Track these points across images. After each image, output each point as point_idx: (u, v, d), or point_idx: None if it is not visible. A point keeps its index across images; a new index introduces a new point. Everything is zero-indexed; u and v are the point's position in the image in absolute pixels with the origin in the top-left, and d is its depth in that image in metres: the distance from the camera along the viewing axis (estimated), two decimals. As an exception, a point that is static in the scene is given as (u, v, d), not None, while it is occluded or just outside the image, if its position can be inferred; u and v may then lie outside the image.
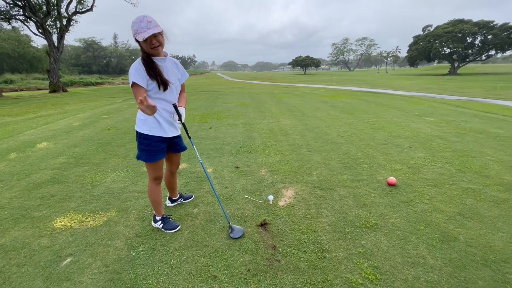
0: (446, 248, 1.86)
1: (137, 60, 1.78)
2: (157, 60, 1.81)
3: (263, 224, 2.17)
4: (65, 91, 23.43)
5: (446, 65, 57.31)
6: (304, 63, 75.30)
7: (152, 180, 2.05)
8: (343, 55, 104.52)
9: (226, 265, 1.72)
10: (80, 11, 24.33)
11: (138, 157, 1.95)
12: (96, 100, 13.84)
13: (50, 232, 2.11)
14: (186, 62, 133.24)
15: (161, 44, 1.78)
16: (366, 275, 1.61)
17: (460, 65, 46.86)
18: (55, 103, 13.84)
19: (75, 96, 18.55)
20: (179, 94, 2.07)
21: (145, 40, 1.67)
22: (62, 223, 2.22)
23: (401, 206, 2.45)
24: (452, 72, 45.46)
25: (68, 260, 1.78)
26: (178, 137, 2.09)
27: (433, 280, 1.57)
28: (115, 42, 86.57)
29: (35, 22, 21.65)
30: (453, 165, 3.41)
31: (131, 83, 1.73)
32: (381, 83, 24.86)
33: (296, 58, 78.75)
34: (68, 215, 2.35)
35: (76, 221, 2.26)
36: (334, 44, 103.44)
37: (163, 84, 1.82)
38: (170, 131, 1.95)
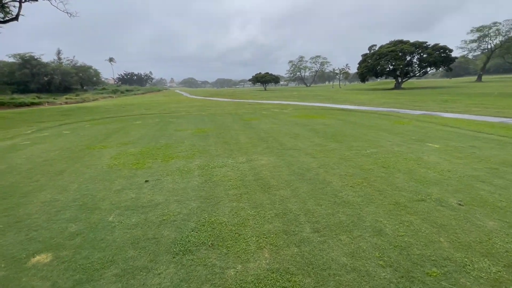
0: None
1: None
2: None
3: None
4: (-23, 115, 18.78)
5: (389, 80, 62.67)
6: (264, 80, 76.22)
7: None
8: (300, 71, 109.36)
9: None
10: (3, 20, 20.38)
11: None
12: (10, 127, 10.44)
13: None
14: (142, 79, 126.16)
15: None
16: None
17: (403, 80, 51.50)
18: None
19: (-16, 123, 14.45)
20: None
21: None
22: None
23: None
24: (397, 86, 49.60)
25: None
26: None
27: None
28: (59, 59, 77.85)
29: None
30: None
31: None
32: (340, 98, 25.05)
33: (256, 74, 79.53)
34: None
35: None
36: (290, 61, 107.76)
37: None
38: None
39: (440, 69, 52.16)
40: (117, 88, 70.55)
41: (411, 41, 50.50)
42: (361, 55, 59.71)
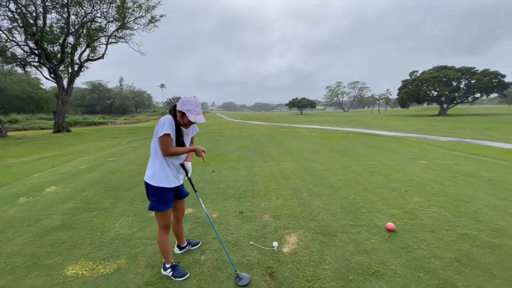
0: (446, 296, 1.94)
1: (169, 116, 2.08)
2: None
3: (270, 274, 2.25)
4: (68, 131, 24.04)
5: (435, 106, 60.28)
6: (300, 104, 78.80)
7: (162, 229, 2.19)
8: (337, 97, 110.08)
9: (235, 315, 1.78)
10: (92, 58, 26.28)
11: (151, 208, 2.12)
12: (99, 141, 14.23)
13: (62, 280, 2.17)
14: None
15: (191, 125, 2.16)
16: (370, 325, 1.68)
17: (449, 106, 49.27)
18: (59, 143, 14.20)
19: (78, 136, 18.98)
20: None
21: (184, 117, 2.04)
22: (74, 271, 2.29)
23: (400, 253, 2.55)
24: (442, 113, 47.60)
25: (82, 310, 1.83)
26: (181, 185, 2.32)
27: (435, 329, 1.64)
28: (121, 85, 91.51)
29: (48, 68, 23.25)
30: (448, 210, 3.57)
31: (164, 132, 1.98)
32: (376, 124, 25.86)
33: (293, 99, 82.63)
34: (79, 263, 2.42)
35: (87, 268, 2.33)
36: (328, 87, 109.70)
37: (179, 144, 2.11)
38: (174, 182, 2.18)
39: (494, 95, 48.95)
40: (165, 111, 79.23)
41: (457, 66, 48.78)
42: (401, 81, 59.03)
